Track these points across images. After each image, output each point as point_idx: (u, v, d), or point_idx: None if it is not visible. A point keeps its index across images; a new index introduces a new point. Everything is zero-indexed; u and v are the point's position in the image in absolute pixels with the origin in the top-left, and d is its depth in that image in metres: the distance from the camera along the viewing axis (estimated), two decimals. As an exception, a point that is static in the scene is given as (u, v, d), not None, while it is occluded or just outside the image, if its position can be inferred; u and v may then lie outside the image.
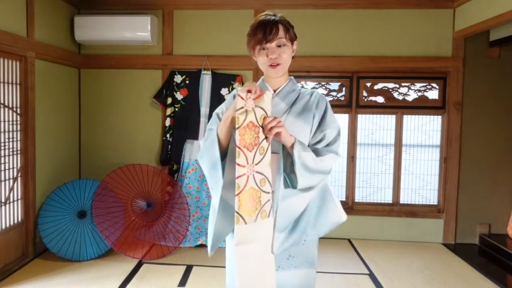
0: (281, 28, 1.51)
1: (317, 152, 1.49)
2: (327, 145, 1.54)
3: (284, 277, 1.50)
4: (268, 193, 1.35)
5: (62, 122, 3.88)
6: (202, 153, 1.54)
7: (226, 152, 1.48)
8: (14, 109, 3.21)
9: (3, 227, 3.10)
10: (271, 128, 1.33)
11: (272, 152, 1.43)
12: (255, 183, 1.31)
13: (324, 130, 1.54)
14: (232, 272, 1.60)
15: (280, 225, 1.44)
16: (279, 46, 1.51)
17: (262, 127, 1.34)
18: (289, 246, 1.48)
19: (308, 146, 1.53)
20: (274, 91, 1.59)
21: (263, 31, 1.49)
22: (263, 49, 1.52)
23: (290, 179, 1.47)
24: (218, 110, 1.63)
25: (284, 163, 1.46)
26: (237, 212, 1.29)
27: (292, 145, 1.40)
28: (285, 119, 1.52)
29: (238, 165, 1.28)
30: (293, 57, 1.59)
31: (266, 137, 1.35)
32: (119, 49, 4.10)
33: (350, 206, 4.11)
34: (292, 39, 1.55)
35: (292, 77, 1.64)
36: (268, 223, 1.34)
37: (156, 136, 4.13)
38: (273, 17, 1.52)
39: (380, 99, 4.10)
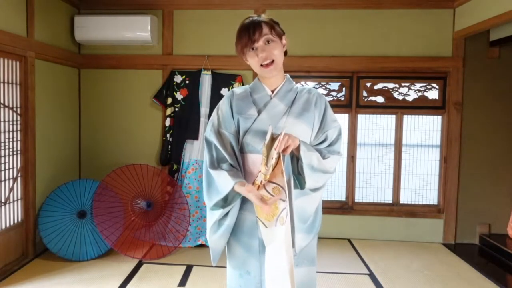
0: (264, 26, 1.50)
1: (320, 153, 1.50)
2: (329, 145, 1.56)
3: None
4: (284, 201, 1.37)
5: (62, 122, 3.88)
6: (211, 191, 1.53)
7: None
8: (14, 109, 3.21)
9: (3, 227, 3.10)
10: (285, 149, 1.36)
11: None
12: (266, 191, 1.36)
13: (326, 131, 1.55)
14: (232, 273, 1.60)
15: (295, 225, 1.48)
16: (267, 42, 1.50)
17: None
18: (305, 246, 1.53)
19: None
20: (272, 91, 1.58)
21: (247, 33, 1.49)
22: (252, 49, 1.51)
23: (298, 180, 1.50)
24: (213, 118, 1.59)
25: (291, 165, 1.49)
26: (257, 217, 1.41)
27: (298, 147, 1.42)
28: (285, 121, 1.52)
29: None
30: (286, 54, 1.58)
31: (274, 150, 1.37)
32: (119, 49, 4.10)
33: (350, 206, 4.11)
34: (280, 34, 1.54)
35: (288, 75, 1.63)
36: (286, 229, 1.40)
37: (156, 136, 4.13)
38: (256, 18, 1.53)
39: (380, 99, 4.10)
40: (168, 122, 4.00)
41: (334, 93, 4.12)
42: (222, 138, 1.54)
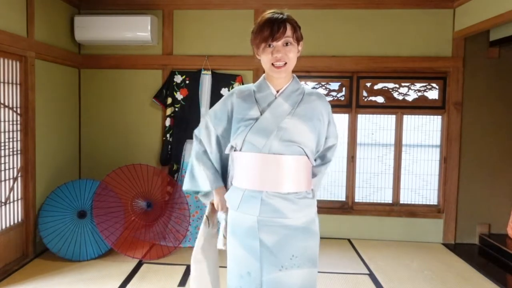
0: (289, 27, 1.49)
1: (320, 173, 1.69)
2: (324, 155, 1.69)
3: (287, 277, 1.50)
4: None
5: (62, 122, 3.87)
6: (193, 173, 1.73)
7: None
8: (14, 109, 3.21)
9: (3, 227, 3.10)
10: None
11: (276, 153, 1.50)
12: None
13: (328, 138, 1.66)
14: (232, 273, 1.60)
15: None
16: (285, 45, 1.48)
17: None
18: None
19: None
20: (277, 91, 1.56)
21: (270, 29, 1.46)
22: (269, 46, 1.48)
23: None
24: (209, 116, 1.66)
25: None
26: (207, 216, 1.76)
27: None
28: (288, 121, 1.50)
29: None
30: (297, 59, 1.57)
31: None
32: (119, 49, 4.10)
33: (350, 206, 4.11)
34: (299, 39, 1.53)
35: (295, 76, 1.61)
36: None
37: (156, 136, 4.13)
38: (281, 15, 1.50)
39: (380, 99, 4.10)
40: (168, 122, 4.00)
41: (334, 93, 4.12)
42: (209, 133, 1.65)
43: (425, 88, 4.06)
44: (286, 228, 1.50)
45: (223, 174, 1.71)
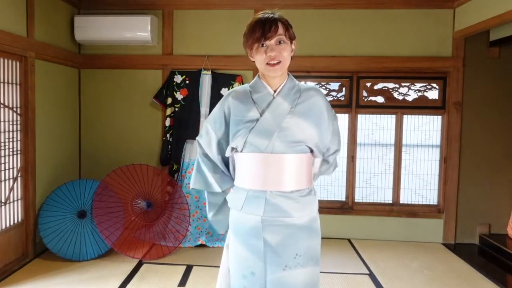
0: (280, 25, 1.48)
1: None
2: (333, 154, 1.73)
3: (290, 276, 1.49)
4: None
5: (62, 122, 3.87)
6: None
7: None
8: (14, 109, 3.21)
9: (3, 227, 3.10)
10: None
11: (278, 153, 1.49)
12: None
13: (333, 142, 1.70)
14: (235, 273, 1.59)
15: None
16: (278, 43, 1.48)
17: None
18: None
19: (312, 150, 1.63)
20: (274, 91, 1.55)
21: (262, 29, 1.45)
22: (262, 46, 1.48)
23: None
24: (209, 121, 1.67)
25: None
26: None
27: None
28: (288, 120, 1.50)
29: None
30: (291, 58, 1.56)
31: None
32: (119, 49, 4.10)
33: (350, 206, 4.11)
34: (292, 38, 1.53)
35: (290, 73, 1.60)
36: None
37: (156, 136, 4.13)
38: (272, 15, 1.49)
39: (380, 99, 4.10)
40: (168, 122, 4.00)
41: (334, 93, 4.12)
42: (210, 138, 1.65)
43: (425, 88, 4.06)
44: (290, 227, 1.50)
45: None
